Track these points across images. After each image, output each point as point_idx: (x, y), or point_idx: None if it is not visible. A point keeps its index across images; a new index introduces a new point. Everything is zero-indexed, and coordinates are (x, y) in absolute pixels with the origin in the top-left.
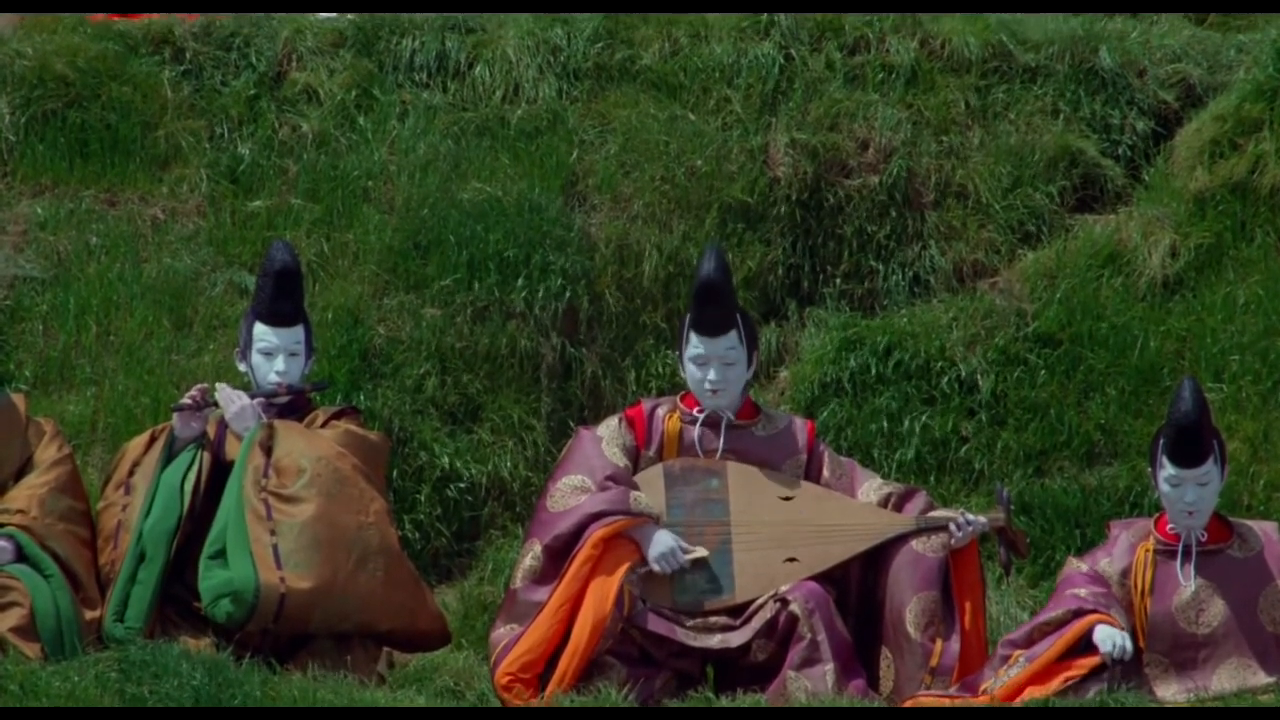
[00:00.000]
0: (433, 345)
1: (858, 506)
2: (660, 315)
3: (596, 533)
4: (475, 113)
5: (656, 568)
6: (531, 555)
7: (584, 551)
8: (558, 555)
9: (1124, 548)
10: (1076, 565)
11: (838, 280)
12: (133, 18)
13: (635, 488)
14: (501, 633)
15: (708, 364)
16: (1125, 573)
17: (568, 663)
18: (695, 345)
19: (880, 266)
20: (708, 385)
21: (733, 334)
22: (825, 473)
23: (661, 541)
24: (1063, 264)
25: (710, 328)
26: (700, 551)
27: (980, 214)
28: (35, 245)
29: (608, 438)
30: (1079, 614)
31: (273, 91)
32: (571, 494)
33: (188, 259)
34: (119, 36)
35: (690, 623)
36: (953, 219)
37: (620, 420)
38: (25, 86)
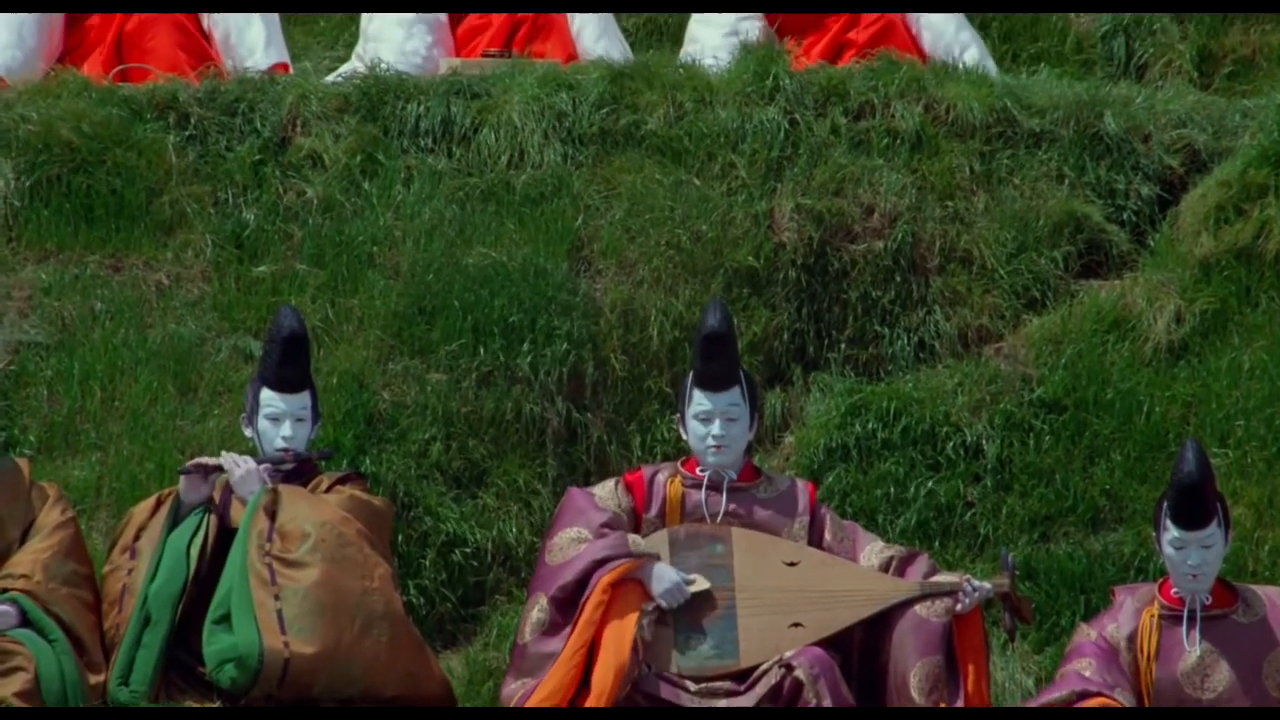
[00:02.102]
0: (438, 410)
1: (863, 572)
2: (666, 380)
3: (604, 578)
4: (480, 178)
5: (664, 603)
6: (538, 609)
7: (594, 597)
8: (565, 605)
9: (1129, 613)
10: (1086, 632)
11: (843, 345)
12: (135, 81)
13: (633, 530)
14: (513, 688)
15: (711, 419)
16: (1131, 637)
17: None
18: (699, 401)
19: (885, 332)
20: (711, 440)
21: (736, 390)
22: (827, 536)
23: (665, 578)
24: (1068, 329)
25: (714, 382)
26: (703, 582)
27: (985, 279)
28: (40, 311)
29: (598, 494)
30: (1084, 695)
31: (277, 157)
32: (570, 546)
33: (193, 324)
34: (124, 102)
35: (694, 688)
36: (958, 284)
37: (617, 483)
38: (30, 151)
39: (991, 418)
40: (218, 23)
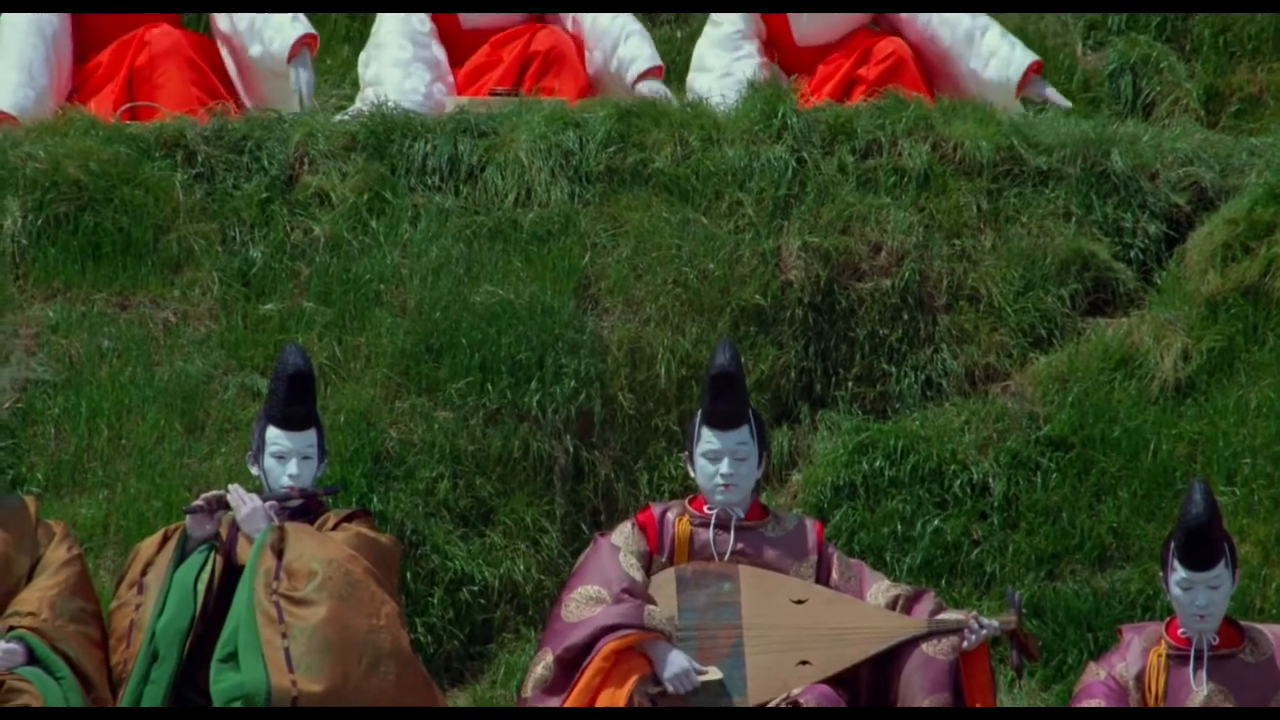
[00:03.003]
0: (445, 448)
1: (870, 609)
2: (673, 418)
3: (608, 645)
4: (487, 216)
5: (670, 688)
6: (543, 665)
7: (595, 664)
8: (569, 666)
9: (1137, 652)
10: (1095, 672)
11: (850, 383)
12: (145, 118)
13: (651, 601)
14: None
15: (720, 458)
16: (1140, 677)
17: None
18: (708, 440)
19: (893, 370)
20: (719, 479)
21: (745, 429)
22: (835, 574)
23: (675, 663)
24: (1075, 367)
25: (723, 421)
26: (714, 673)
27: (992, 317)
28: (47, 349)
29: (624, 546)
30: None
31: (285, 195)
32: (586, 604)
33: (200, 362)
34: (131, 140)
35: None
36: (965, 322)
37: (633, 526)
38: (37, 190)
39: (998, 455)
40: (239, 17)
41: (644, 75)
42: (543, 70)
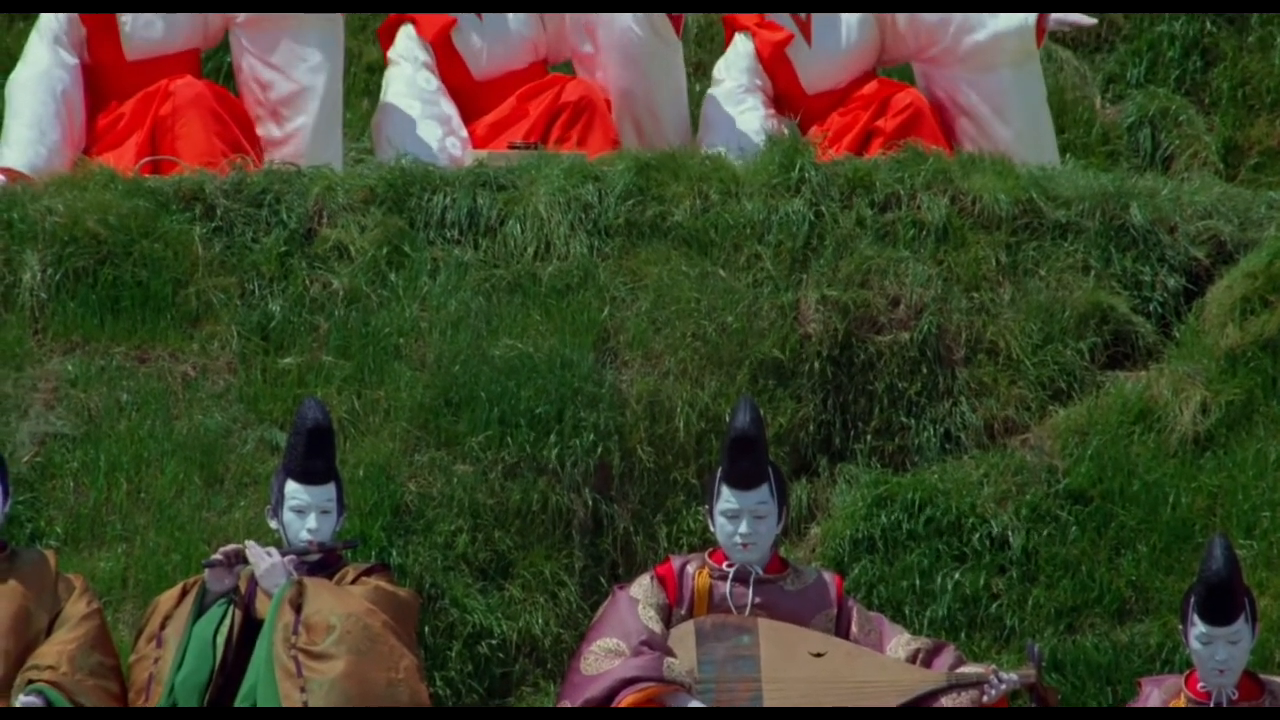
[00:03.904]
0: (464, 502)
1: (889, 663)
2: (692, 472)
3: (627, 698)
4: (506, 269)
5: None
6: None
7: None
8: None
9: (1156, 704)
10: None
11: (869, 437)
12: (166, 171)
13: (670, 653)
14: None
15: (739, 517)
16: None
17: None
18: (727, 499)
19: (911, 423)
20: (738, 539)
21: (764, 488)
22: (854, 628)
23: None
24: (1094, 421)
25: (743, 480)
26: None
27: (1011, 370)
28: (66, 402)
29: (643, 599)
30: None
31: (304, 248)
32: (605, 657)
33: (218, 416)
34: (150, 194)
35: None
36: (983, 375)
37: (652, 579)
38: (56, 243)
39: (1017, 509)
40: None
41: None
42: (572, 120)
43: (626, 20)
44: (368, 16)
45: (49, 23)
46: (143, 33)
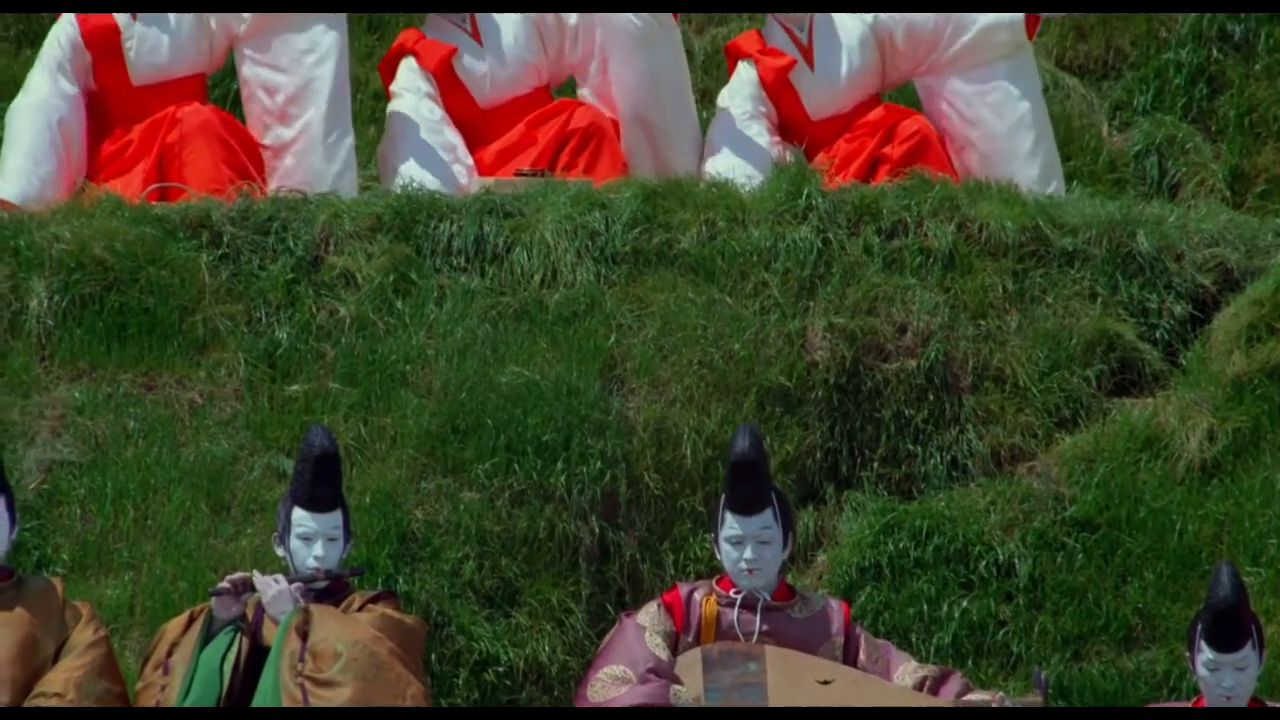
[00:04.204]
0: (471, 529)
1: (896, 690)
2: (699, 499)
3: None
4: (513, 297)
5: None
6: None
7: None
8: None
9: None
10: None
11: (875, 464)
12: (173, 199)
13: (677, 681)
14: None
15: (743, 543)
16: None
17: None
18: (731, 525)
19: (918, 450)
20: (744, 564)
21: (768, 513)
22: (861, 655)
23: None
24: (1100, 448)
25: (745, 506)
26: None
27: (1018, 398)
28: (73, 429)
29: (650, 626)
30: None
31: (310, 276)
32: (612, 684)
33: (225, 443)
34: (157, 221)
35: None
36: (990, 403)
37: (659, 606)
38: (63, 270)
39: (1024, 536)
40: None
41: None
42: (580, 147)
43: (624, 15)
44: (374, 43)
45: (52, 51)
46: (148, 58)
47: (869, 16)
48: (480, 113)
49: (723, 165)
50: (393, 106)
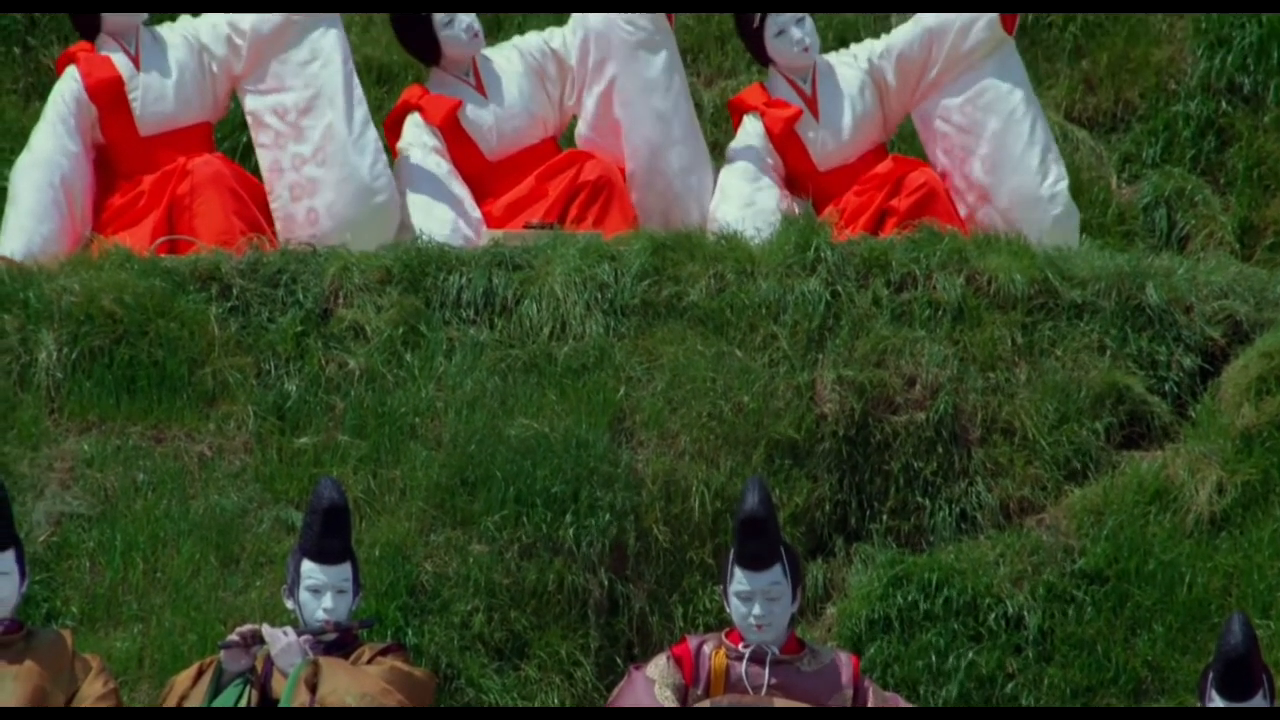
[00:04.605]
0: (480, 582)
1: None
2: (708, 551)
3: None
4: (522, 349)
5: None
6: None
7: None
8: None
9: None
10: None
11: (884, 516)
12: (183, 251)
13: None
14: None
15: (752, 599)
16: None
17: None
18: (739, 580)
19: (927, 503)
20: (752, 620)
21: (777, 568)
22: (870, 707)
23: None
24: (1109, 501)
25: (754, 562)
26: None
27: (1027, 450)
28: (82, 482)
29: (659, 679)
30: None
31: (320, 328)
32: None
33: (235, 496)
34: (166, 273)
35: None
36: (999, 455)
37: (668, 659)
38: (72, 323)
39: (1033, 589)
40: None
41: None
42: (590, 200)
43: (615, 21)
44: (383, 96)
45: (56, 108)
46: (154, 107)
47: (863, 61)
48: (488, 165)
49: (731, 218)
50: (399, 162)
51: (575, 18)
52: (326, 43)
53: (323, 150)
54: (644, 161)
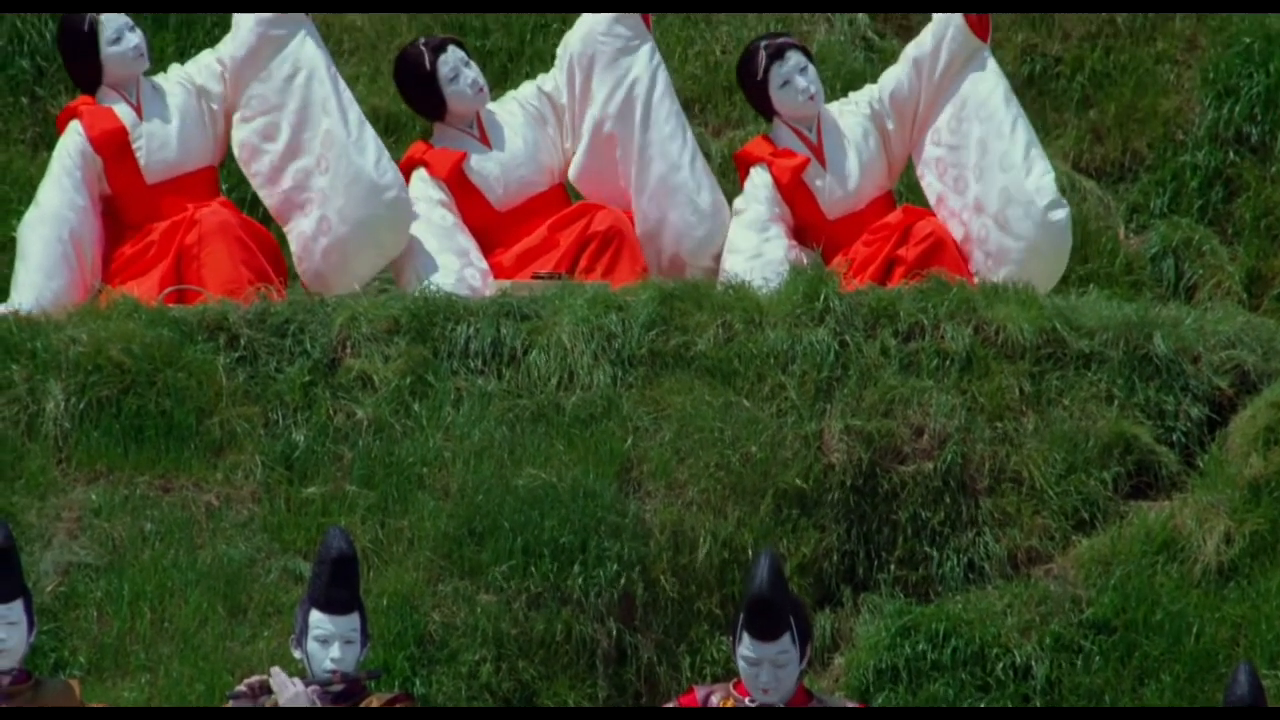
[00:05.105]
0: (488, 631)
1: None
2: (715, 601)
3: None
4: (530, 399)
5: None
6: None
7: None
8: None
9: None
10: None
11: (892, 566)
12: (190, 301)
13: None
14: None
15: (759, 664)
16: None
17: None
18: (748, 646)
19: (935, 553)
20: (759, 685)
21: (785, 638)
22: None
23: None
24: (1117, 551)
25: (763, 634)
26: None
27: (1035, 500)
28: (90, 532)
29: None
30: None
31: (328, 378)
32: None
33: (242, 545)
34: (174, 323)
35: None
36: (1007, 505)
37: (676, 709)
38: (80, 372)
39: (1041, 639)
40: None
41: None
42: (600, 250)
43: (594, 33)
44: (391, 147)
45: (62, 161)
46: (158, 155)
47: (864, 107)
48: (497, 215)
49: (740, 269)
50: None
51: (559, 50)
52: (306, 52)
53: (325, 158)
54: (635, 154)
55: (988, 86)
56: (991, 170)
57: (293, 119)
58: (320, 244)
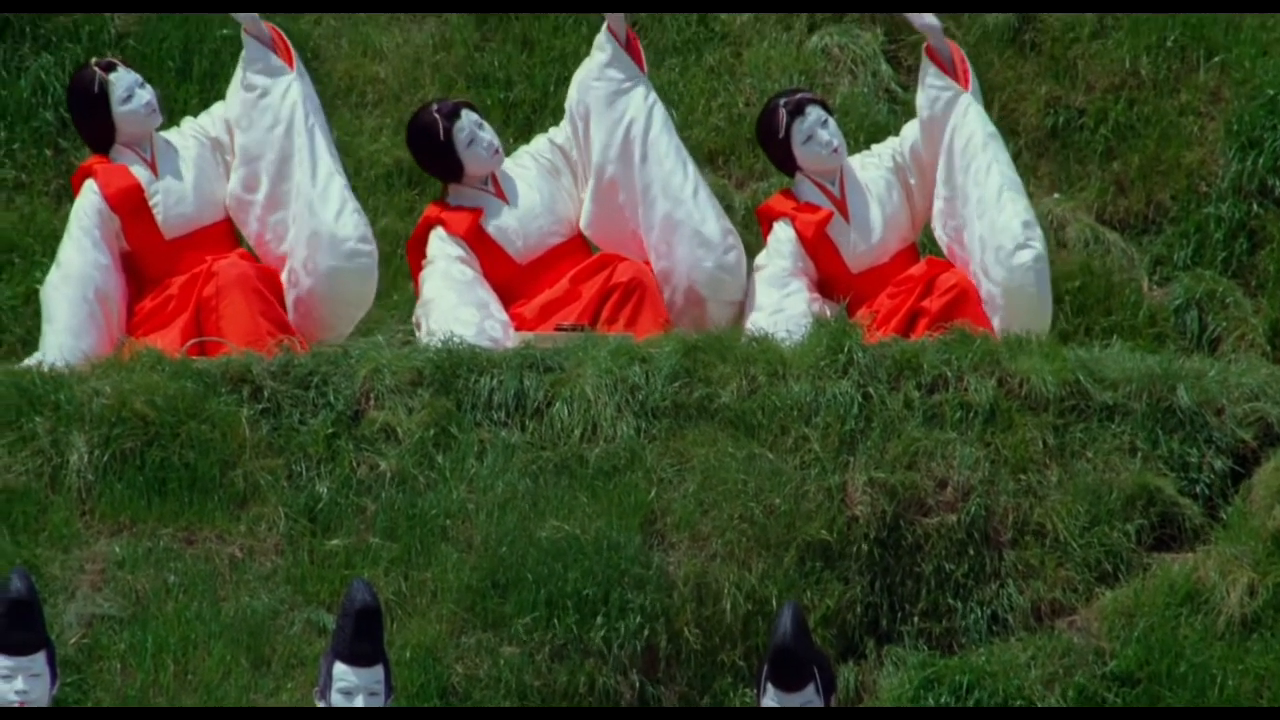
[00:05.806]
0: (511, 684)
1: None
2: (739, 654)
3: None
4: (553, 451)
5: None
6: None
7: None
8: None
9: None
10: None
11: (916, 618)
12: (212, 353)
13: None
14: None
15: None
16: None
17: None
18: (772, 698)
19: (958, 605)
20: None
21: (809, 689)
22: None
23: None
24: (1141, 603)
25: (787, 685)
26: None
27: (1058, 552)
28: (113, 584)
29: None
30: None
31: (351, 430)
32: None
33: (266, 598)
34: (197, 375)
35: None
36: (1031, 557)
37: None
38: (104, 425)
39: (1065, 691)
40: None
41: None
42: (622, 301)
43: (586, 81)
44: (415, 199)
45: (80, 221)
46: (175, 210)
47: (887, 159)
48: (518, 268)
49: (763, 324)
50: (424, 274)
51: (566, 105)
52: (287, 103)
53: (293, 210)
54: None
55: (967, 133)
56: (972, 218)
57: (271, 170)
58: (290, 296)
